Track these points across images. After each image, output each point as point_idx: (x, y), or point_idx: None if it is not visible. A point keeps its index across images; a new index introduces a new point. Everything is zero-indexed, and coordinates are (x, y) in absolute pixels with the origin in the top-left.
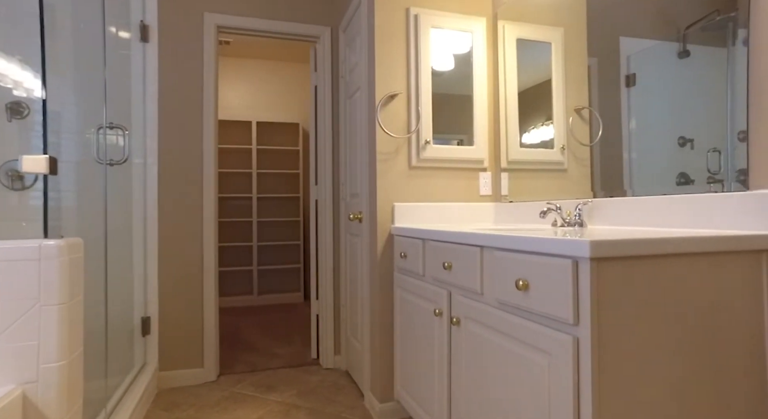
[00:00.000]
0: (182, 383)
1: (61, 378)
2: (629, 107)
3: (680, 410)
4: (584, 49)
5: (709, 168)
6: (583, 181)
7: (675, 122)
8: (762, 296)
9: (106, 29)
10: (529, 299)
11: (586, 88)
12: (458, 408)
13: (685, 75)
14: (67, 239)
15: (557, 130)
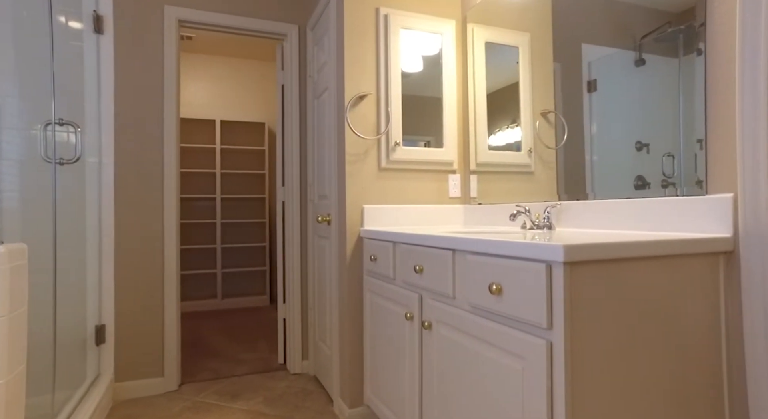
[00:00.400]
0: (141, 394)
1: (4, 396)
2: (591, 111)
3: (648, 406)
4: (550, 54)
5: (663, 172)
6: (549, 183)
7: (633, 127)
8: (719, 296)
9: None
10: (502, 304)
11: (551, 92)
12: (430, 413)
13: (641, 83)
14: (8, 245)
15: (524, 133)
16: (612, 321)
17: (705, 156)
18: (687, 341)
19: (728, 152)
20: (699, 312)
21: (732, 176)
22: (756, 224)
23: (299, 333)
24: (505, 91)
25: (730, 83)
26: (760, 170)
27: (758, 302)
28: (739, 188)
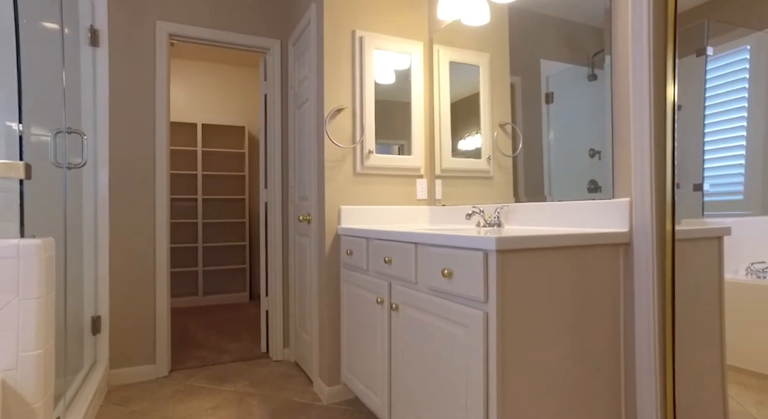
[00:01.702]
0: (134, 379)
1: (38, 366)
2: (548, 121)
3: (560, 364)
4: (507, 72)
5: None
6: (506, 187)
7: (586, 136)
8: (619, 278)
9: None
10: (452, 285)
11: (509, 106)
12: (397, 383)
13: (593, 95)
14: (43, 239)
15: (484, 142)
16: (533, 295)
17: (612, 166)
18: (594, 311)
19: (627, 163)
20: (604, 290)
21: (630, 183)
22: (643, 221)
23: (281, 324)
24: (467, 104)
25: (627, 110)
26: (645, 179)
27: (644, 282)
28: (633, 193)
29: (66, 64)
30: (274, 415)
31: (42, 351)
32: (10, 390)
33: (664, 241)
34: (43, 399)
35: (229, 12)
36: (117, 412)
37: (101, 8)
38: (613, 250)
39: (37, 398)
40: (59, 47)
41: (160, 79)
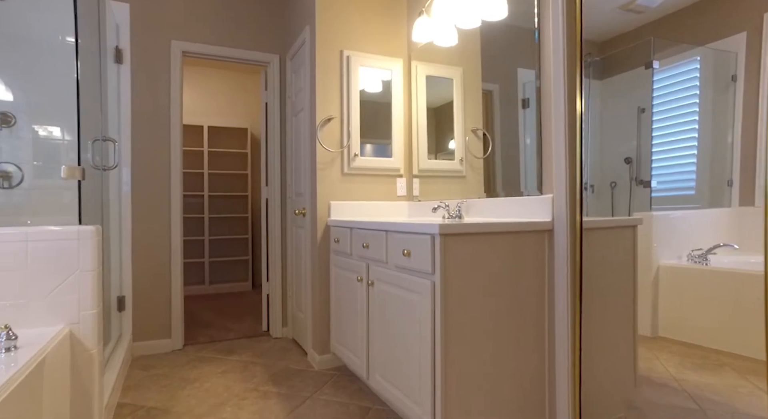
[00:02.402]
0: (153, 351)
1: (94, 321)
2: (524, 124)
3: (495, 320)
4: (479, 84)
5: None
6: (477, 185)
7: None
8: (544, 257)
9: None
10: (410, 262)
11: (480, 114)
12: (374, 345)
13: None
14: (95, 226)
15: (457, 146)
16: (471, 269)
17: (540, 168)
18: (525, 279)
19: (552, 167)
20: (533, 264)
21: (553, 182)
22: (560, 214)
23: (280, 305)
24: (443, 112)
25: (550, 126)
26: (561, 179)
27: (561, 259)
28: (554, 190)
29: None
30: (274, 378)
31: (96, 310)
32: (75, 339)
33: (575, 229)
34: (97, 347)
35: (234, 31)
36: (142, 375)
37: (125, 30)
38: (539, 235)
39: (93, 345)
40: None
41: (175, 91)
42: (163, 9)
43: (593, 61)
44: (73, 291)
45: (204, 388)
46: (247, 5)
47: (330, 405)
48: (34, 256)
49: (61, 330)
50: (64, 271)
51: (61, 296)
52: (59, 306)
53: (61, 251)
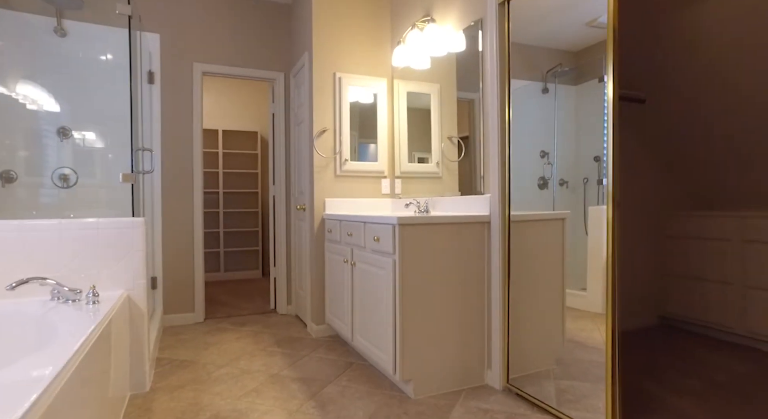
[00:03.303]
0: (180, 323)
1: (143, 288)
2: (482, 133)
3: (447, 299)
4: (455, 98)
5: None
6: (452, 184)
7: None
8: (484, 243)
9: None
10: (379, 245)
11: (455, 123)
12: (356, 313)
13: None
14: (143, 218)
15: (434, 151)
16: (424, 249)
17: (483, 171)
18: (469, 259)
19: (492, 171)
20: (476, 248)
21: (491, 183)
22: (495, 209)
23: (285, 286)
24: (421, 122)
25: (489, 135)
26: (495, 183)
27: (496, 245)
28: (492, 190)
29: (134, 97)
30: (278, 342)
31: (144, 280)
32: (131, 300)
33: (505, 221)
34: (147, 308)
35: (246, 53)
36: (173, 339)
37: (156, 56)
38: (481, 226)
39: (143, 305)
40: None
41: (196, 105)
42: (187, 37)
43: (563, 70)
44: (129, 266)
45: (222, 348)
46: (256, 32)
47: (322, 361)
48: (103, 239)
49: (123, 293)
50: (123, 250)
51: (122, 269)
52: (120, 276)
53: (121, 236)
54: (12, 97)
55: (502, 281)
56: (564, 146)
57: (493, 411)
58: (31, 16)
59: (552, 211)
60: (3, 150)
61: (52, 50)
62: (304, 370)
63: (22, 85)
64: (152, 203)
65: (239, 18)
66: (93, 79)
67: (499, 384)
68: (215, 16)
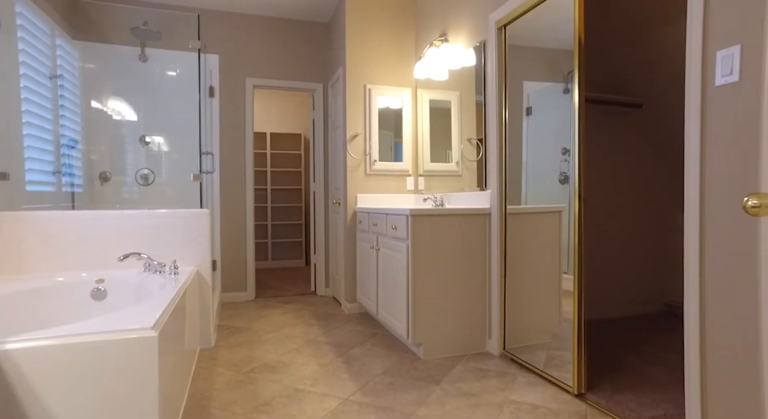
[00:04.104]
0: (234, 300)
1: (209, 265)
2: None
3: (452, 278)
4: (474, 103)
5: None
6: (471, 181)
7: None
8: (485, 232)
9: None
10: (397, 232)
11: (474, 126)
12: (380, 291)
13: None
14: (207, 209)
15: (454, 151)
16: (433, 238)
17: (485, 170)
18: (472, 246)
19: (491, 170)
20: (478, 237)
21: (492, 180)
22: (494, 203)
23: (323, 271)
24: (443, 126)
25: (490, 139)
26: (494, 180)
27: (495, 234)
28: (492, 186)
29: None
30: (316, 317)
31: (209, 259)
32: (200, 274)
33: (502, 214)
34: (211, 281)
35: (290, 67)
36: (230, 312)
37: (215, 73)
38: (483, 218)
39: (209, 279)
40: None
41: (248, 113)
42: (241, 57)
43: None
44: (198, 247)
45: (270, 320)
46: (298, 48)
47: (351, 331)
48: (180, 226)
49: (194, 268)
50: (193, 235)
51: (192, 249)
52: (191, 255)
53: (192, 224)
54: (104, 111)
55: (499, 266)
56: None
57: (487, 370)
58: (121, 47)
59: (551, 205)
60: (100, 155)
61: (135, 72)
62: (335, 337)
63: (112, 101)
64: (212, 198)
65: (284, 37)
66: (167, 96)
67: (497, 351)
68: (264, 37)
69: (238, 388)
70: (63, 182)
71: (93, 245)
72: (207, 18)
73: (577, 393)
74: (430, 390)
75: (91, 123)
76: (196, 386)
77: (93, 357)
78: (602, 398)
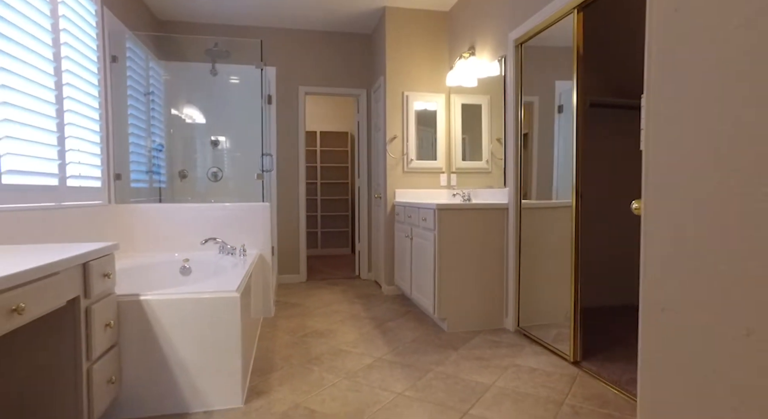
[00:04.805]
0: (288, 281)
1: (269, 249)
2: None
3: (475, 262)
4: (501, 107)
5: None
6: (500, 178)
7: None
8: (503, 224)
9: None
10: (426, 223)
11: (502, 127)
12: (413, 275)
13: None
14: (269, 203)
15: (484, 150)
16: (457, 227)
17: (504, 170)
18: (491, 235)
19: (509, 169)
20: (497, 227)
21: (509, 179)
22: (511, 199)
23: (366, 257)
24: (474, 127)
25: (509, 142)
26: (511, 178)
27: (511, 226)
28: (509, 184)
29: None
30: (359, 297)
31: (270, 244)
32: (262, 257)
33: (518, 208)
34: (271, 263)
35: (337, 76)
36: (285, 291)
37: (273, 83)
38: (502, 211)
39: (269, 261)
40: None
41: (300, 118)
42: (295, 68)
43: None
44: (260, 234)
45: (319, 298)
46: (345, 58)
47: (388, 309)
48: (246, 216)
49: (258, 252)
50: (257, 224)
51: (256, 236)
52: (255, 241)
53: (255, 215)
54: (182, 118)
55: (515, 254)
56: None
57: (500, 342)
58: (195, 64)
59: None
60: (180, 155)
61: (207, 84)
62: (374, 313)
63: (188, 109)
64: (270, 192)
65: (331, 48)
66: (232, 103)
67: (512, 328)
68: (314, 49)
69: (294, 347)
70: (153, 180)
71: (180, 230)
72: (265, 34)
73: (573, 361)
74: (449, 354)
75: (172, 129)
76: (262, 345)
77: (198, 308)
78: (594, 365)
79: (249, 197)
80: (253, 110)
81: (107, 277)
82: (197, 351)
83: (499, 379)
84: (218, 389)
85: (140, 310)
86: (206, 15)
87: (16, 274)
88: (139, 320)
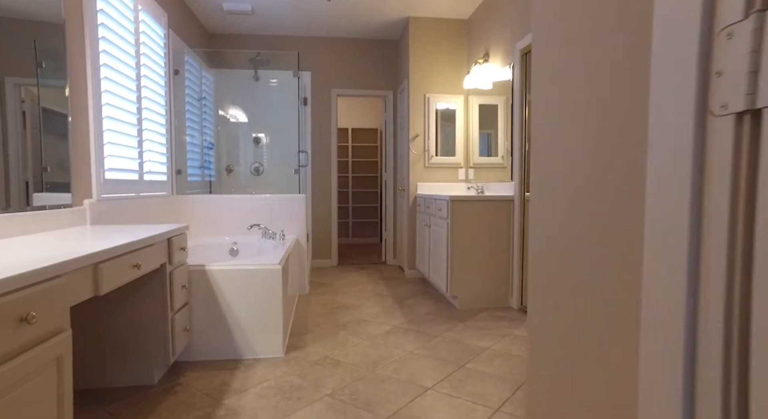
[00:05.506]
0: (321, 265)
1: (305, 235)
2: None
3: (484, 248)
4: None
5: None
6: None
7: None
8: (510, 215)
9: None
10: (441, 213)
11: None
12: (431, 259)
13: None
14: (304, 195)
15: (500, 146)
16: (468, 216)
17: (511, 164)
18: (499, 223)
19: (515, 164)
20: (504, 217)
21: (515, 174)
22: (516, 191)
23: (392, 245)
24: (490, 126)
25: (514, 139)
26: (516, 173)
27: (517, 216)
28: (515, 178)
29: (298, 117)
30: (384, 279)
31: (305, 231)
32: (299, 242)
33: (522, 200)
34: (306, 246)
35: (366, 79)
36: (317, 273)
37: (308, 87)
38: (508, 203)
39: (305, 245)
40: (300, 110)
41: (333, 118)
42: (328, 73)
43: None
44: (297, 222)
45: (348, 279)
46: (374, 62)
47: (409, 289)
48: (285, 206)
49: (294, 237)
50: (294, 213)
51: (293, 224)
52: (293, 228)
53: (293, 205)
54: (228, 119)
55: (520, 240)
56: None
57: (503, 317)
58: (239, 71)
59: None
60: (226, 151)
61: (250, 88)
62: (396, 292)
63: (233, 111)
64: (305, 185)
65: (361, 53)
66: (272, 105)
67: (516, 306)
68: (345, 54)
69: (325, 316)
70: (204, 174)
71: (230, 217)
72: (301, 43)
73: None
74: (456, 324)
75: (220, 128)
76: (298, 315)
77: (249, 276)
78: None
79: (287, 189)
80: (291, 111)
81: (183, 250)
82: (248, 311)
83: (496, 344)
84: (264, 342)
85: (205, 277)
86: (250, 27)
87: (134, 242)
88: (205, 285)
